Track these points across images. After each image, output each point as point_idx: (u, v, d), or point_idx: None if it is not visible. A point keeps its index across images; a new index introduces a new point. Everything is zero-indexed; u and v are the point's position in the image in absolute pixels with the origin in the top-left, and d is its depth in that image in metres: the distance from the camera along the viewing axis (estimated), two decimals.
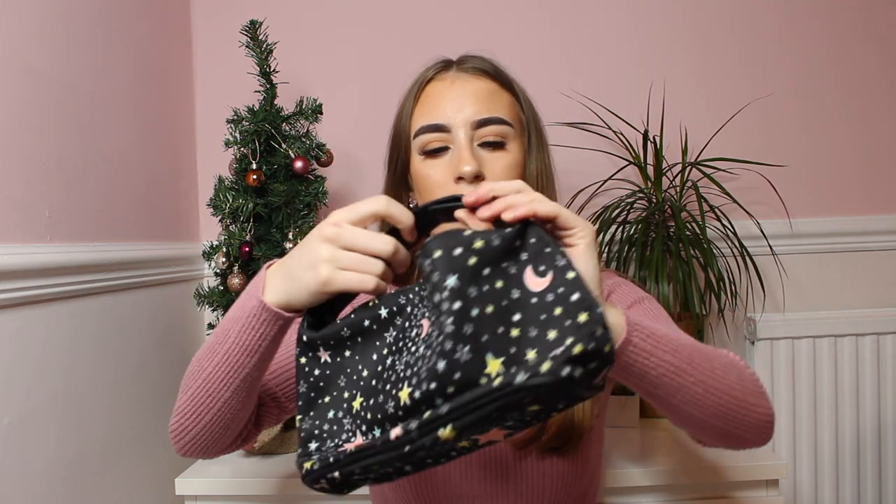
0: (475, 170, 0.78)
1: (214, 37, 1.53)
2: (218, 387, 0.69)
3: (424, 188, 0.83)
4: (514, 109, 0.85)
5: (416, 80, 0.87)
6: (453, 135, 0.81)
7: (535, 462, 0.81)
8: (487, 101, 0.82)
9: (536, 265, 0.52)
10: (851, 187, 1.57)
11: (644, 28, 1.55)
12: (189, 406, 0.71)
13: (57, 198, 1.03)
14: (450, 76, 0.84)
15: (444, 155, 0.81)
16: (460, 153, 0.79)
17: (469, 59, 0.86)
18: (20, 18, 0.97)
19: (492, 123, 0.81)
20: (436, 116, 0.81)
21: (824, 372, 1.49)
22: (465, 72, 0.84)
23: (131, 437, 1.21)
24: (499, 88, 0.84)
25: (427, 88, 0.85)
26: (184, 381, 0.73)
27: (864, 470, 1.50)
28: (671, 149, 1.48)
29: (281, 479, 1.07)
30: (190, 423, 0.72)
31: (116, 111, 1.22)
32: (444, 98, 0.82)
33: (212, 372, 0.69)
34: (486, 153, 0.81)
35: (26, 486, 0.93)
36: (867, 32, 1.56)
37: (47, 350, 0.99)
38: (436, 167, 0.81)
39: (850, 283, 1.56)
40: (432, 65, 0.87)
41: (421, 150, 0.83)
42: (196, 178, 1.54)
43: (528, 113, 0.87)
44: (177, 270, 1.39)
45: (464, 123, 0.80)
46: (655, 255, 1.26)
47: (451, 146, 0.81)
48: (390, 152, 0.88)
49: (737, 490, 1.07)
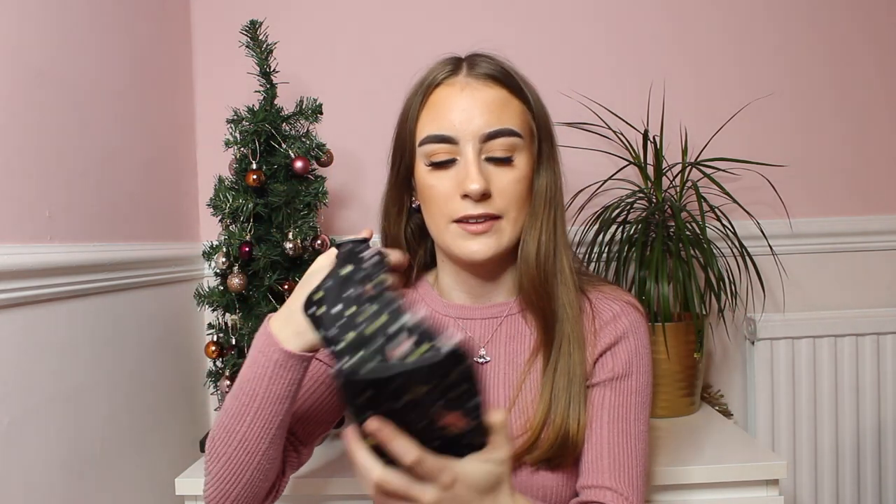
0: (482, 188, 0.77)
1: (214, 37, 1.53)
2: (256, 442, 0.73)
3: (429, 198, 0.82)
4: (524, 118, 0.83)
5: (423, 81, 0.84)
6: (461, 147, 0.79)
7: (527, 476, 0.80)
8: (497, 112, 0.80)
9: None
10: (851, 187, 1.57)
11: (644, 28, 1.55)
12: (226, 470, 0.74)
13: (57, 198, 1.03)
14: (459, 82, 0.81)
15: (450, 167, 0.80)
16: (468, 169, 0.78)
17: (479, 62, 0.83)
18: (20, 18, 0.97)
19: (501, 136, 0.79)
20: (443, 127, 0.80)
21: (824, 372, 1.49)
22: (476, 78, 0.81)
23: (131, 438, 1.21)
24: (509, 96, 0.82)
25: (435, 93, 0.82)
26: (211, 450, 0.76)
27: (864, 470, 1.50)
28: (671, 149, 1.48)
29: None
30: (230, 485, 0.75)
31: (116, 111, 1.22)
32: (452, 107, 0.80)
33: (246, 431, 0.72)
34: (493, 168, 0.80)
35: (26, 486, 0.93)
36: (866, 33, 1.56)
37: (47, 350, 0.99)
38: (442, 179, 0.80)
39: (850, 283, 1.56)
40: (440, 64, 0.84)
41: (427, 161, 0.81)
42: (196, 178, 1.54)
43: (540, 119, 0.85)
44: (177, 270, 1.39)
45: (472, 137, 0.79)
46: (655, 255, 1.26)
47: (458, 158, 0.80)
48: (394, 152, 0.87)
49: (737, 490, 1.07)
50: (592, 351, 0.84)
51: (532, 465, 0.80)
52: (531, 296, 0.83)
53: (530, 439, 0.79)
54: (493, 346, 0.87)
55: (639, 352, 0.85)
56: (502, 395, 0.84)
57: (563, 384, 0.80)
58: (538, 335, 0.84)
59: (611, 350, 0.84)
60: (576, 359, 0.81)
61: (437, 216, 0.81)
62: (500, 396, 0.84)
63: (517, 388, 0.84)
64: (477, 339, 0.88)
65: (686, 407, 1.33)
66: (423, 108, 0.83)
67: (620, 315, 0.86)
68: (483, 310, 0.89)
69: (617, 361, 0.84)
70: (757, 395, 1.51)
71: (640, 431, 0.83)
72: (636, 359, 0.85)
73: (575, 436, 0.79)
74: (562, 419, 0.79)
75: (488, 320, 0.88)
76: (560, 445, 0.79)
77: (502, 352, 0.87)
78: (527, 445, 0.79)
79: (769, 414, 1.50)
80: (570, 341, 0.82)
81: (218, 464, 0.74)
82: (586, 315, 0.86)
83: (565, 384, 0.80)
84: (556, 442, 0.79)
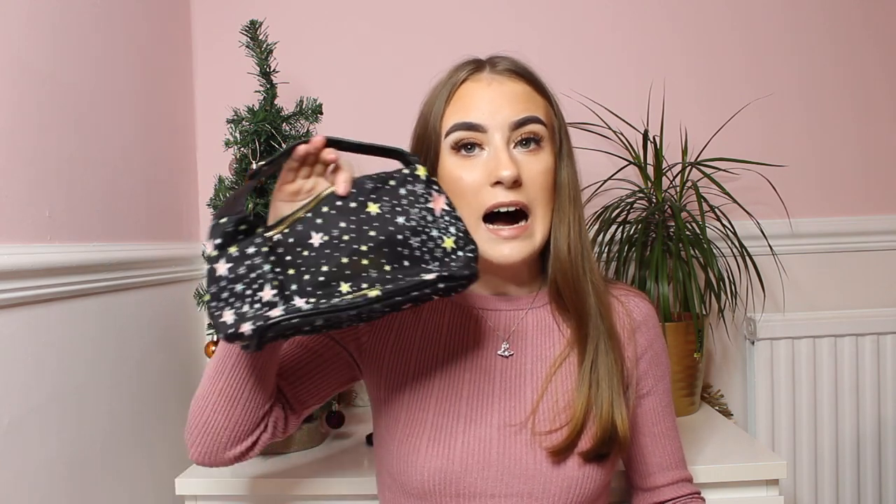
0: (514, 174, 0.78)
1: (214, 37, 1.53)
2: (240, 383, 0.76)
3: (457, 190, 0.81)
4: (547, 111, 0.85)
5: (446, 81, 0.85)
6: (489, 136, 0.80)
7: (574, 468, 0.80)
8: (524, 103, 0.82)
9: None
10: (851, 187, 1.57)
11: (644, 28, 1.55)
12: (209, 398, 0.77)
13: (57, 198, 1.03)
14: (485, 77, 0.83)
15: (478, 155, 0.81)
16: (498, 156, 0.79)
17: (501, 61, 0.85)
18: (20, 18, 0.97)
19: (529, 123, 0.81)
20: (472, 116, 0.81)
21: (824, 372, 1.49)
22: (500, 73, 0.83)
23: (131, 437, 1.21)
24: (533, 91, 0.84)
25: (462, 88, 0.83)
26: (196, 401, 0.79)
27: (864, 470, 1.50)
28: (671, 149, 1.48)
29: (281, 479, 1.07)
30: (208, 413, 0.77)
31: (116, 111, 1.22)
32: (480, 98, 0.81)
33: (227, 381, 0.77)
34: (522, 155, 0.81)
35: (26, 486, 0.93)
36: (867, 32, 1.56)
37: (47, 350, 0.99)
38: (469, 169, 0.81)
39: (850, 283, 1.56)
40: (463, 64, 0.86)
41: (454, 146, 0.82)
42: (196, 178, 1.54)
43: (559, 115, 0.87)
44: (177, 270, 1.39)
45: (501, 126, 0.80)
46: (655, 255, 1.26)
47: (486, 147, 0.81)
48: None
49: (737, 490, 1.07)
50: (633, 350, 0.88)
51: (581, 457, 0.80)
52: (564, 292, 0.85)
53: (572, 433, 0.79)
54: (516, 339, 0.87)
55: (663, 346, 0.92)
56: (529, 388, 0.84)
57: (606, 380, 0.82)
58: (572, 331, 0.85)
59: (647, 354, 0.89)
60: (613, 355, 0.83)
61: (466, 212, 0.80)
62: (525, 390, 0.84)
63: (545, 381, 0.84)
64: (500, 331, 0.87)
65: (686, 407, 1.33)
66: (448, 103, 0.83)
67: (649, 316, 0.91)
68: (505, 302, 0.89)
69: (660, 365, 0.91)
70: (757, 395, 1.51)
71: (673, 413, 0.94)
72: (664, 355, 0.92)
73: (621, 430, 0.80)
74: (608, 414, 0.80)
75: (511, 313, 0.88)
76: (610, 440, 0.80)
77: (528, 345, 0.87)
78: (569, 440, 0.79)
79: (769, 414, 1.50)
80: (607, 338, 0.83)
81: (199, 401, 0.78)
82: (616, 312, 0.88)
83: (607, 380, 0.82)
84: (604, 437, 0.79)
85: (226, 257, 0.66)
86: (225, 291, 0.64)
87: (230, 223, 0.67)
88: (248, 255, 0.66)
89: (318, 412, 1.23)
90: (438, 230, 0.72)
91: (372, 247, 0.69)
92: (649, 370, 0.90)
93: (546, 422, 0.81)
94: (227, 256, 0.66)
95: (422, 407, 0.83)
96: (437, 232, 0.71)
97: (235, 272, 0.65)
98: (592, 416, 0.81)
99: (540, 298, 0.89)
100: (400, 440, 0.82)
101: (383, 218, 0.71)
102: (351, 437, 1.27)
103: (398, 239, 0.70)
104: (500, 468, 0.79)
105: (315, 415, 1.23)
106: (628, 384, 0.87)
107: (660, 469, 0.90)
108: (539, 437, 0.80)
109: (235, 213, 0.68)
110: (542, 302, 0.89)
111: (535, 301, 0.89)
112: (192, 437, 0.78)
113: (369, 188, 0.73)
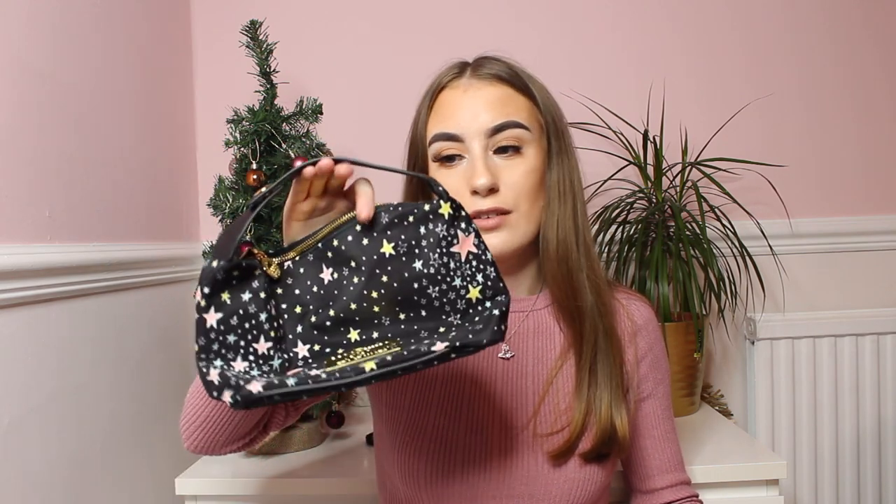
0: (489, 183, 0.77)
1: (214, 37, 1.53)
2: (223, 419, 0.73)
3: None
4: (531, 113, 0.83)
5: (429, 87, 0.85)
6: (467, 145, 0.80)
7: (575, 469, 0.80)
8: (501, 107, 0.80)
9: None
10: (851, 187, 1.57)
11: (644, 28, 1.55)
12: (204, 408, 0.74)
13: (57, 198, 1.03)
14: (462, 84, 0.82)
15: (458, 164, 0.81)
16: (474, 165, 0.79)
17: (484, 64, 0.84)
18: (20, 18, 0.97)
19: (507, 128, 0.80)
20: (449, 126, 0.81)
21: (824, 372, 1.49)
22: (479, 79, 0.82)
23: (131, 438, 1.21)
24: (514, 93, 0.83)
25: (440, 97, 0.83)
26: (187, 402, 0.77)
27: (864, 470, 1.50)
28: (671, 149, 1.48)
29: (281, 479, 1.07)
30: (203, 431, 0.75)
31: (116, 111, 1.22)
32: (457, 107, 0.81)
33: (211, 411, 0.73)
34: (502, 161, 0.80)
35: (26, 486, 0.93)
36: (867, 32, 1.56)
37: (47, 350, 0.99)
38: (451, 177, 0.81)
39: (850, 283, 1.56)
40: (447, 69, 0.85)
41: (435, 158, 0.82)
42: (196, 178, 1.54)
43: (549, 114, 0.85)
44: (177, 270, 1.39)
45: (478, 133, 0.79)
46: (655, 255, 1.26)
47: (465, 155, 0.81)
48: (408, 158, 0.88)
49: (737, 490, 1.07)
50: (634, 353, 0.88)
51: (581, 458, 0.80)
52: (555, 287, 0.84)
53: (572, 436, 0.80)
54: (517, 341, 0.87)
55: (663, 350, 0.93)
56: (530, 391, 0.84)
57: (605, 380, 0.82)
58: (568, 332, 0.85)
59: (647, 358, 0.90)
60: (612, 357, 0.83)
61: None
62: (527, 392, 0.84)
63: (546, 384, 0.84)
64: None
65: (686, 407, 1.33)
66: (430, 111, 0.84)
67: (650, 319, 0.91)
68: None
69: (660, 368, 0.91)
70: (757, 395, 1.51)
71: (672, 416, 0.94)
72: (664, 358, 0.92)
73: (621, 431, 0.80)
74: (607, 416, 0.80)
75: (512, 315, 0.87)
76: (609, 440, 0.80)
77: (529, 347, 0.86)
78: (570, 442, 0.79)
79: (769, 414, 1.50)
80: (605, 339, 0.83)
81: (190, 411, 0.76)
82: (619, 315, 0.88)
83: (606, 380, 0.82)
84: (604, 438, 0.80)
85: (215, 306, 0.58)
86: (215, 343, 0.57)
87: (220, 271, 0.58)
88: (242, 302, 0.59)
89: (318, 412, 1.23)
90: (462, 278, 0.63)
91: (384, 293, 0.62)
92: (649, 373, 0.90)
93: (547, 424, 0.82)
94: (217, 305, 0.58)
95: (423, 409, 0.83)
96: (461, 280, 0.63)
97: (227, 323, 0.58)
98: (592, 418, 0.81)
99: (541, 300, 0.89)
100: (402, 442, 0.82)
101: (399, 261, 0.63)
102: (351, 437, 1.28)
103: (414, 288, 0.63)
104: (502, 470, 0.80)
105: (315, 415, 1.23)
106: (628, 387, 0.87)
107: (659, 472, 0.90)
108: (540, 439, 0.81)
109: (228, 259, 0.59)
110: (544, 304, 0.89)
111: (537, 303, 0.88)
112: (187, 432, 0.76)
113: (385, 223, 0.64)
